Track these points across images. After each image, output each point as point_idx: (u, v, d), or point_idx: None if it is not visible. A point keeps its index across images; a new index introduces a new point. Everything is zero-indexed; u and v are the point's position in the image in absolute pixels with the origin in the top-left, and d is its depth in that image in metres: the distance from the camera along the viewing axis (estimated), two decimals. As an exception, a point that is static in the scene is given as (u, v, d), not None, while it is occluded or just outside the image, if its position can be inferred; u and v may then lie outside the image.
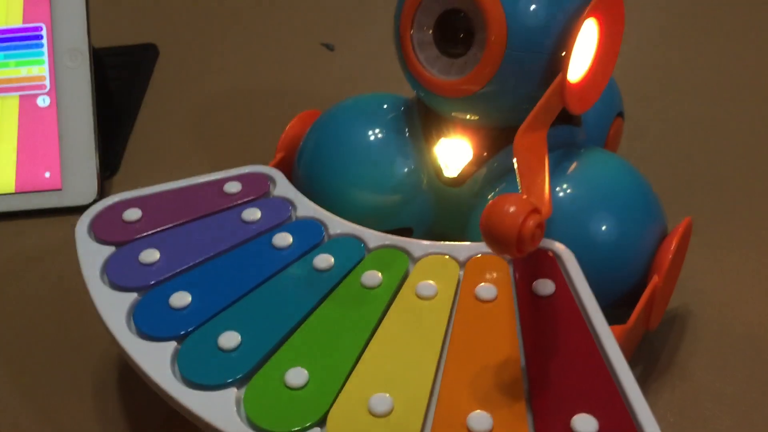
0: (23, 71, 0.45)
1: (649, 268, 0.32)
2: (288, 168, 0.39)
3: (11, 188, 0.44)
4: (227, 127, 0.52)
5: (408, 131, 0.36)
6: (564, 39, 0.32)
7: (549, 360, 0.26)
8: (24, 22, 0.45)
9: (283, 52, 0.59)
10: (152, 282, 0.30)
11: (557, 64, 0.32)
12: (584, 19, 0.31)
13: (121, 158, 0.49)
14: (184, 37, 0.62)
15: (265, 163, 0.39)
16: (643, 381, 0.34)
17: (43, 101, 0.45)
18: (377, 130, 0.37)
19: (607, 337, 0.26)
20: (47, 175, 0.45)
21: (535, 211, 0.24)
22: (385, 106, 0.38)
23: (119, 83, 0.54)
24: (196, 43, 0.62)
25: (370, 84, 0.42)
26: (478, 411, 0.24)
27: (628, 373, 0.25)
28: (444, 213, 0.36)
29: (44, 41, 0.45)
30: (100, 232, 0.32)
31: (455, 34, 0.32)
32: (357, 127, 0.37)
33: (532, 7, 0.31)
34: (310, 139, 0.38)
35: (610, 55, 0.34)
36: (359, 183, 0.36)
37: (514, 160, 0.29)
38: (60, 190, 0.45)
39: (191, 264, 0.30)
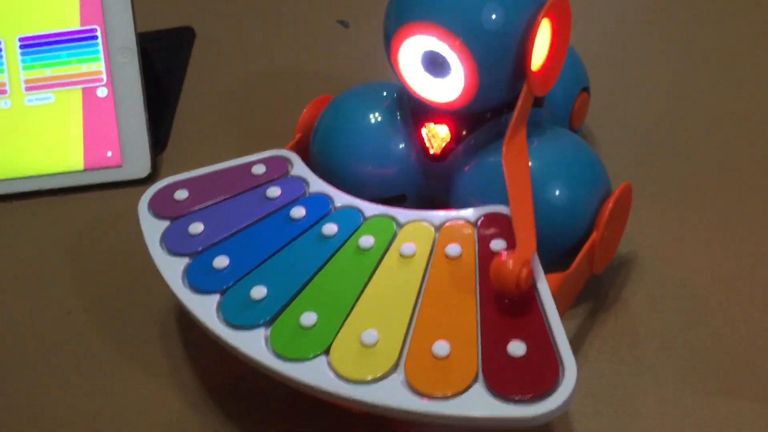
0: (83, 67, 0.54)
1: (592, 225, 0.40)
2: (305, 147, 0.47)
3: (80, 167, 0.54)
4: (258, 104, 0.60)
5: (400, 115, 0.44)
6: (524, 47, 0.39)
7: (496, 302, 0.34)
8: (81, 24, 0.54)
9: (310, 33, 0.67)
10: (199, 249, 0.39)
11: (523, 65, 0.39)
12: (538, 25, 0.39)
13: (169, 135, 0.57)
14: (217, 19, 0.70)
15: (289, 137, 0.47)
16: (591, 314, 0.42)
17: (101, 92, 0.54)
18: (376, 114, 0.45)
19: (542, 283, 0.34)
20: (109, 154, 0.54)
21: (526, 263, 0.33)
22: (384, 94, 0.46)
23: (162, 66, 0.62)
24: (229, 25, 0.70)
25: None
26: (441, 341, 0.33)
27: (554, 310, 0.33)
28: (431, 182, 0.44)
29: (99, 41, 0.54)
30: (156, 209, 0.41)
31: (437, 65, 0.39)
32: (360, 112, 0.45)
33: (495, 42, 0.38)
34: (322, 122, 0.46)
35: (563, 44, 0.41)
36: (362, 158, 0.44)
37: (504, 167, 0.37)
38: (120, 166, 0.54)
39: (228, 234, 0.39)
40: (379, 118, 0.45)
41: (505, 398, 0.31)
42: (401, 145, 0.44)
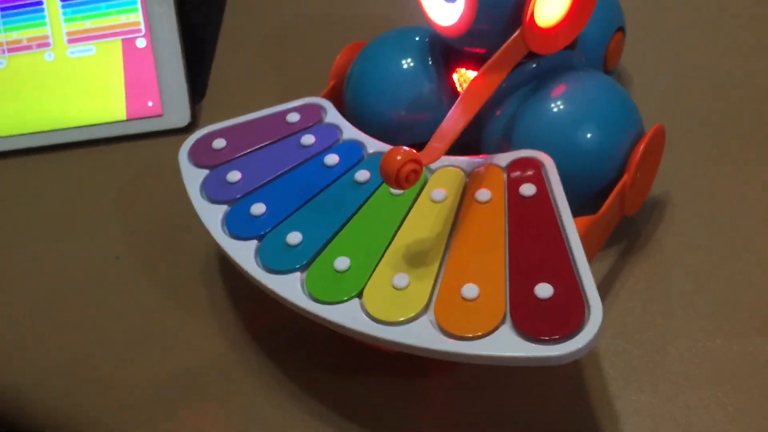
0: (122, 18, 0.55)
1: (623, 168, 0.40)
2: (339, 94, 0.48)
3: (123, 116, 0.55)
4: (294, 51, 0.61)
5: (432, 60, 0.44)
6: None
7: (525, 246, 0.35)
8: (119, -24, 0.55)
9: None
10: (237, 196, 0.40)
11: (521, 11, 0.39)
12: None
13: (207, 84, 0.58)
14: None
15: (325, 83, 0.48)
16: (623, 254, 0.43)
17: (140, 43, 0.55)
18: (408, 60, 0.45)
19: (570, 227, 0.35)
20: (150, 104, 0.55)
21: (415, 160, 0.33)
22: (416, 39, 0.46)
23: (198, 15, 0.63)
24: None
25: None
26: (470, 283, 0.34)
27: (581, 253, 0.34)
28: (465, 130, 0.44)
29: (137, -8, 0.55)
30: (195, 158, 0.42)
31: None
32: (391, 58, 0.45)
33: None
34: (354, 68, 0.47)
35: (586, 6, 0.41)
36: (394, 104, 0.45)
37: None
38: (161, 116, 0.55)
39: (264, 182, 0.40)
40: (411, 64, 0.45)
41: (531, 338, 0.32)
42: (433, 91, 0.44)
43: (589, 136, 0.40)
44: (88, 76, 0.55)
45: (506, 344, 0.32)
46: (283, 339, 0.42)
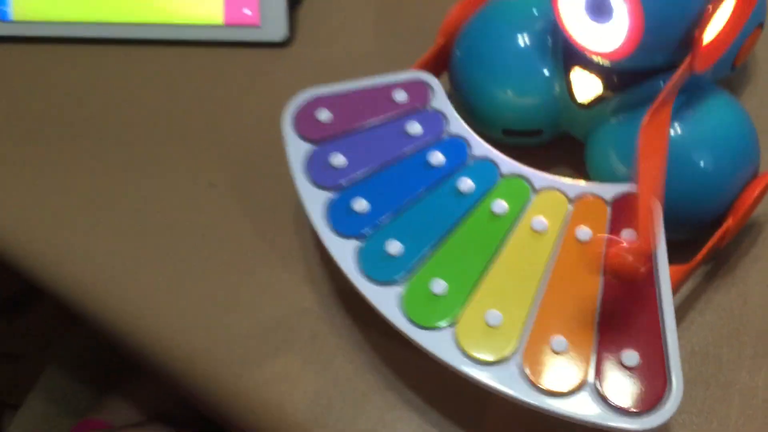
0: None
1: (730, 208, 0.40)
2: (446, 55, 0.46)
3: (221, 21, 0.54)
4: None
5: (552, 44, 0.43)
6: (700, 12, 0.36)
7: (617, 300, 0.36)
8: None
9: None
10: (340, 183, 0.41)
11: (692, 30, 0.37)
12: (719, 5, 0.36)
13: (305, -9, 0.56)
14: None
15: (434, 26, 0.46)
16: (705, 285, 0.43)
17: (242, -53, 0.52)
18: (527, 38, 0.43)
19: (666, 284, 0.36)
20: (248, 12, 0.53)
21: (648, 258, 0.34)
22: (536, 14, 0.43)
23: None
24: None
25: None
26: (559, 336, 0.35)
27: (671, 313, 0.35)
28: (570, 124, 0.43)
29: None
30: (299, 127, 0.42)
31: (600, 8, 0.37)
32: (511, 30, 0.44)
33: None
34: (468, 32, 0.45)
35: (741, 18, 0.38)
36: (504, 82, 0.44)
37: (638, 139, 0.36)
38: (258, 26, 0.54)
39: (367, 172, 0.41)
40: (529, 43, 0.43)
41: (611, 407, 0.34)
42: (547, 79, 0.43)
43: (699, 165, 0.39)
44: (186, -27, 0.53)
45: (586, 407, 0.34)
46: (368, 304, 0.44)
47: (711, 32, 0.37)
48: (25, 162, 0.52)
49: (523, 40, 0.43)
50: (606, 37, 0.38)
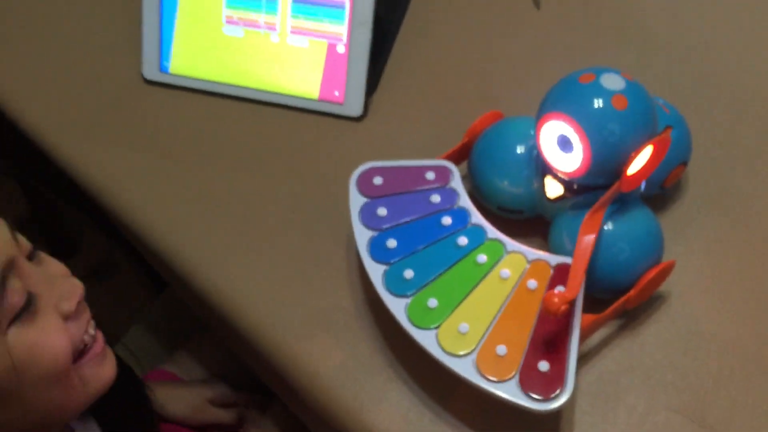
0: (332, 27, 0.73)
1: (636, 283, 0.59)
2: (467, 150, 0.67)
3: (315, 96, 0.75)
4: (460, 66, 0.78)
5: (535, 157, 0.63)
6: (627, 156, 0.56)
7: (545, 329, 0.56)
8: (336, -5, 0.73)
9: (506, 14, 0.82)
10: (381, 227, 0.61)
11: (623, 167, 0.57)
12: (643, 148, 0.56)
13: (379, 80, 0.77)
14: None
15: (472, 116, 0.67)
16: (616, 332, 0.63)
17: (340, 48, 0.74)
18: (522, 148, 0.64)
19: (577, 324, 0.55)
20: (336, 93, 0.75)
21: (566, 301, 0.54)
22: (531, 133, 0.64)
23: (384, 7, 0.79)
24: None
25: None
26: (503, 345, 0.55)
27: (576, 343, 0.55)
28: (542, 210, 0.64)
29: (346, 11, 0.73)
30: (360, 186, 0.64)
31: (566, 144, 0.57)
32: (510, 143, 0.64)
33: (609, 144, 0.56)
34: (485, 137, 0.66)
35: (655, 164, 0.58)
36: (503, 174, 0.64)
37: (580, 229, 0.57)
38: (342, 104, 0.75)
39: (400, 222, 0.61)
40: (523, 151, 0.64)
41: (525, 394, 0.54)
42: (529, 178, 0.63)
43: (620, 252, 0.59)
44: (299, 60, 0.75)
45: (510, 392, 0.54)
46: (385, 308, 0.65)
47: (635, 167, 0.57)
48: (169, 173, 0.74)
49: (518, 149, 0.64)
50: (568, 162, 0.58)
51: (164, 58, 0.78)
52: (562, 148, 0.58)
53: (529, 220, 0.66)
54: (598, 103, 0.56)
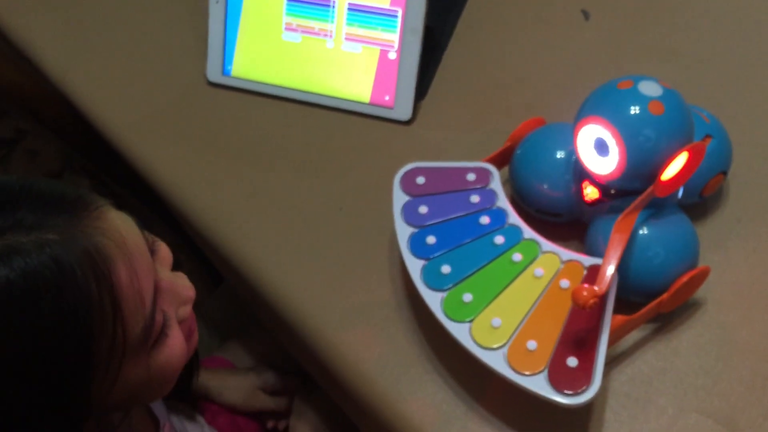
0: (384, 35, 0.77)
1: (669, 287, 0.61)
2: (509, 154, 0.69)
3: (367, 101, 0.79)
4: (508, 76, 0.81)
5: (574, 162, 0.65)
6: (663, 161, 0.58)
7: (577, 326, 0.57)
8: (390, 5, 0.76)
9: (558, 22, 0.84)
10: (422, 224, 0.64)
11: (657, 171, 0.58)
12: (677, 154, 0.57)
13: (429, 87, 0.80)
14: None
15: (518, 119, 0.69)
16: (650, 335, 0.64)
17: (391, 55, 0.77)
18: (562, 153, 0.66)
19: (607, 323, 0.57)
20: (387, 98, 0.78)
21: (596, 296, 0.55)
22: (570, 139, 0.66)
23: (435, 17, 0.82)
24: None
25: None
26: (533, 340, 0.57)
27: (605, 342, 0.56)
28: (580, 213, 0.65)
29: (398, 19, 0.76)
30: (403, 184, 0.66)
31: (602, 147, 0.59)
32: (550, 149, 0.66)
33: (644, 148, 0.58)
34: (526, 143, 0.68)
35: (691, 171, 0.59)
36: (543, 179, 0.66)
37: (612, 233, 0.58)
38: (392, 108, 0.78)
39: (439, 221, 0.64)
40: (562, 156, 0.66)
41: (553, 388, 0.55)
42: (568, 182, 0.65)
43: (655, 256, 0.60)
44: (352, 65, 0.78)
45: (539, 385, 0.56)
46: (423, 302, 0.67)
47: (669, 173, 0.59)
48: (227, 170, 0.78)
49: (558, 154, 0.66)
50: (604, 165, 0.60)
51: (227, 62, 0.82)
52: (598, 152, 0.60)
53: (568, 224, 0.67)
54: (634, 108, 0.58)
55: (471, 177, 0.66)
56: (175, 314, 0.57)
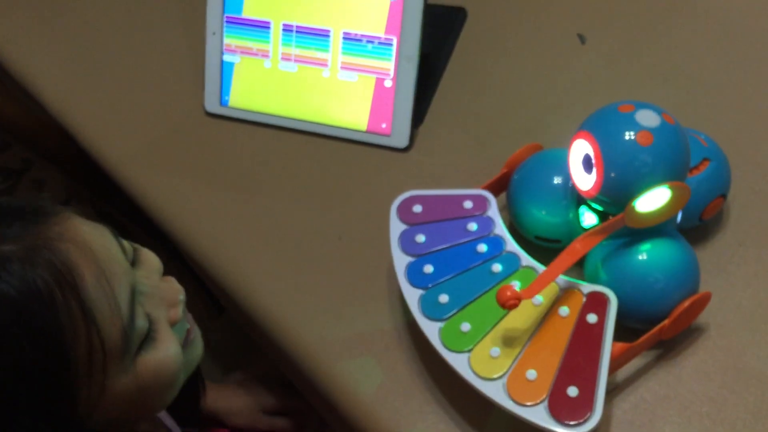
0: (379, 63, 0.77)
1: (670, 313, 0.60)
2: (506, 180, 0.69)
3: (364, 129, 0.79)
4: (504, 104, 0.80)
5: (570, 188, 0.64)
6: (637, 192, 0.57)
7: (577, 354, 0.57)
8: (385, 33, 0.76)
9: (556, 44, 0.84)
10: (419, 253, 0.64)
11: (632, 197, 0.58)
12: (655, 189, 0.57)
13: (426, 112, 0.80)
14: (492, 3, 0.88)
15: (513, 147, 0.69)
16: (653, 363, 0.63)
17: (387, 83, 0.77)
18: (557, 180, 0.65)
19: (607, 351, 0.56)
20: (383, 126, 0.78)
21: (519, 298, 0.55)
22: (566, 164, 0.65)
23: (432, 43, 0.82)
24: (504, 10, 0.87)
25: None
26: (533, 370, 0.56)
27: (606, 370, 0.55)
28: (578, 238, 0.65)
29: (393, 48, 0.76)
30: (400, 213, 0.66)
31: (588, 164, 0.59)
32: (547, 175, 0.66)
33: (622, 171, 0.57)
34: (523, 169, 0.68)
35: (678, 204, 0.58)
36: (540, 205, 0.66)
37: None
38: (389, 135, 0.78)
39: (436, 249, 0.64)
40: (560, 182, 0.65)
41: (553, 419, 0.55)
42: (566, 208, 0.65)
43: (655, 282, 0.60)
44: (348, 94, 0.78)
45: (539, 417, 0.55)
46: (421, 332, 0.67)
47: (643, 204, 0.58)
48: (224, 199, 0.78)
49: (555, 180, 0.65)
50: (586, 182, 0.60)
51: (224, 92, 0.82)
52: (585, 168, 0.60)
53: (567, 250, 0.67)
54: (623, 132, 0.57)
55: (468, 204, 0.66)
56: (166, 317, 0.56)
